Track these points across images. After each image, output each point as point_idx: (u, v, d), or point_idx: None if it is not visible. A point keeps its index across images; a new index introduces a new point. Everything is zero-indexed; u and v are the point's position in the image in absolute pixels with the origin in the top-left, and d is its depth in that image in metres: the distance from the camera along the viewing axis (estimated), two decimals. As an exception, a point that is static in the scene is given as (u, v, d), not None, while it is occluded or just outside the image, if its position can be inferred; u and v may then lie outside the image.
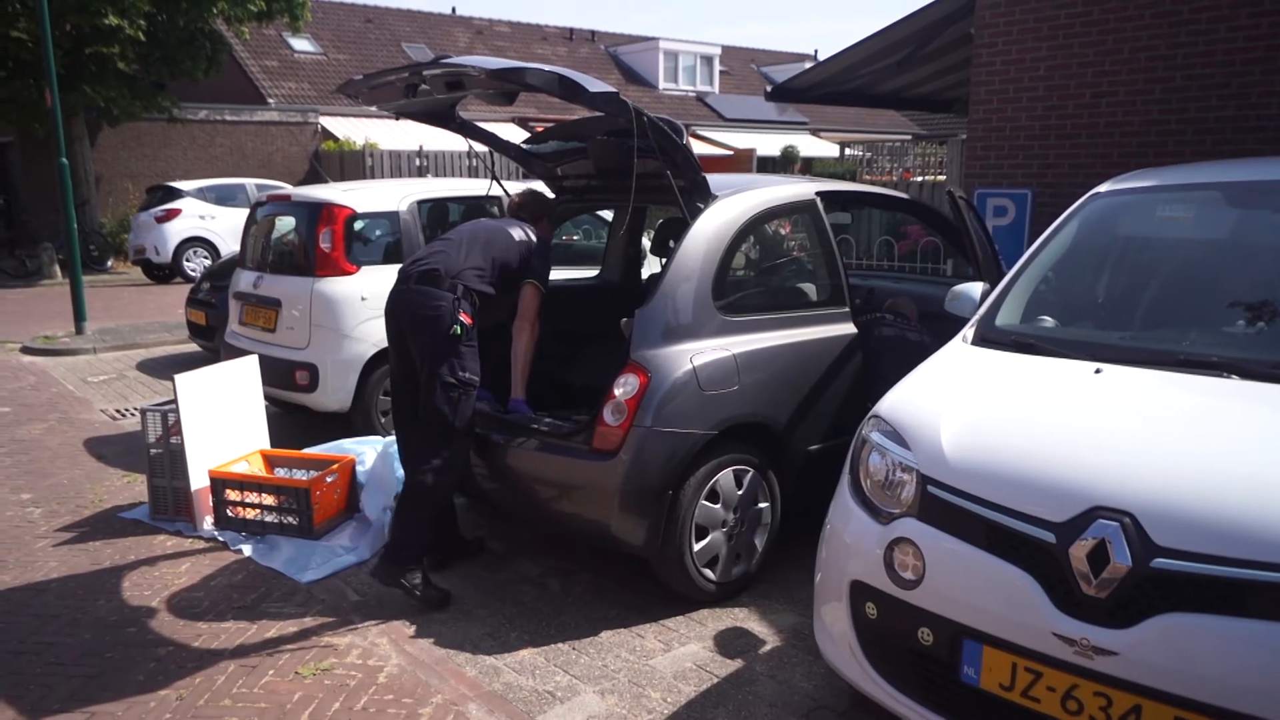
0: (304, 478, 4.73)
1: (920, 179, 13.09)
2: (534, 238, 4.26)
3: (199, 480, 4.72)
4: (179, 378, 4.68)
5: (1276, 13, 5.91)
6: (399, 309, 4.00)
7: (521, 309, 4.20)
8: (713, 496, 3.83)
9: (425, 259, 4.01)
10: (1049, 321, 3.39)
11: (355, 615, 3.85)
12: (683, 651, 3.56)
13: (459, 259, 3.99)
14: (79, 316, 10.57)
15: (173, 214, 16.11)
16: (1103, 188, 3.76)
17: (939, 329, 4.04)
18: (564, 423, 3.97)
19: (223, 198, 16.66)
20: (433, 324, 3.85)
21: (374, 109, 5.62)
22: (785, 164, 28.41)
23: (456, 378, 3.84)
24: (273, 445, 5.28)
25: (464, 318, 3.85)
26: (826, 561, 2.94)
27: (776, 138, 29.82)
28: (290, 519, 4.57)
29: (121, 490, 5.43)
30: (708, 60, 32.17)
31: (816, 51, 38.88)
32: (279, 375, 5.83)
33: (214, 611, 3.89)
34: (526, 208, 4.43)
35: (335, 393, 5.89)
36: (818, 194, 4.47)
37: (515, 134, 5.04)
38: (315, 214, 6.05)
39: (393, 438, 5.62)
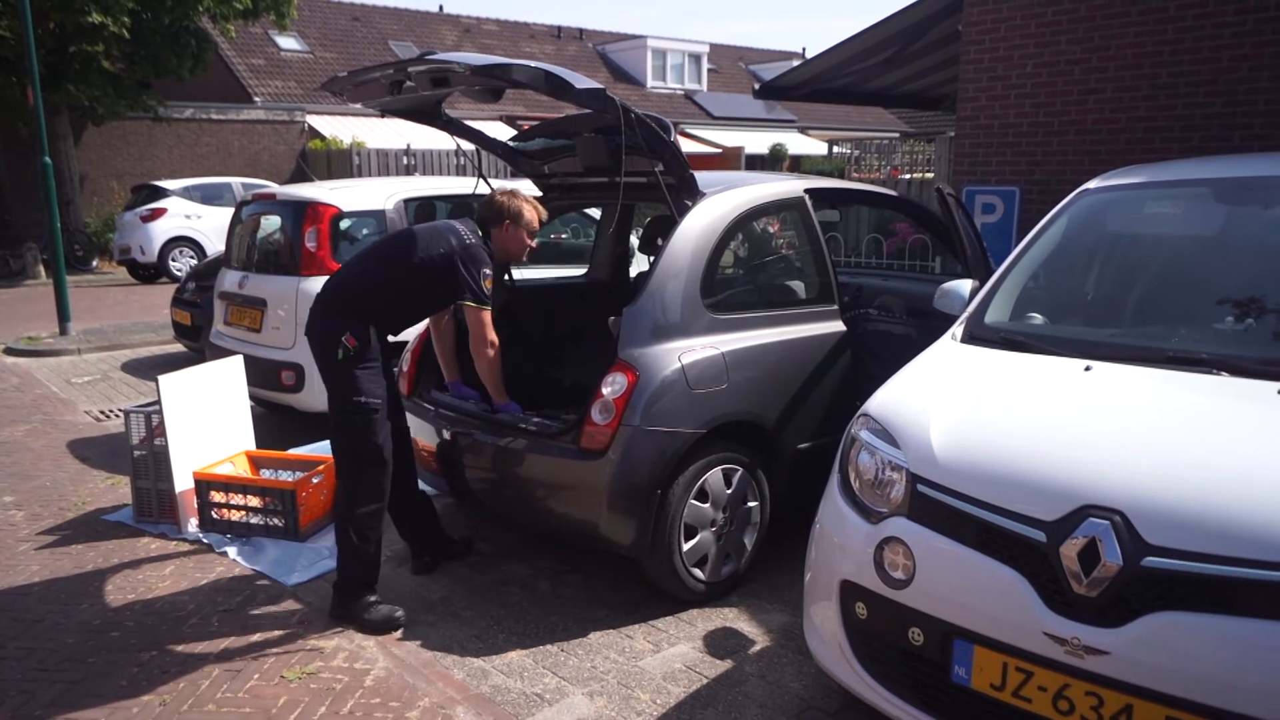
0: (289, 479, 4.69)
1: (908, 176, 13.09)
2: (467, 244, 3.81)
3: (183, 482, 4.67)
4: (163, 378, 4.63)
5: (1262, 9, 5.92)
6: (307, 330, 3.90)
7: (471, 332, 3.87)
8: (702, 496, 3.81)
9: (331, 278, 3.88)
10: (1038, 319, 3.38)
11: (342, 618, 3.81)
12: (672, 652, 3.53)
13: (363, 277, 3.83)
14: (63, 317, 10.48)
15: (158, 213, 16.01)
16: (1091, 184, 3.75)
17: (928, 326, 4.03)
18: (552, 422, 3.94)
19: (209, 197, 16.55)
20: (323, 348, 3.74)
21: (361, 107, 5.57)
22: (774, 162, 28.43)
23: (351, 403, 3.70)
24: (258, 446, 5.24)
25: (349, 341, 3.67)
26: (816, 561, 2.92)
27: (765, 135, 29.84)
28: (276, 521, 4.53)
29: (105, 492, 5.38)
30: (696, 58, 32.16)
31: (805, 49, 38.90)
32: (264, 375, 5.78)
33: (198, 615, 3.85)
34: (480, 208, 4.06)
35: (321, 393, 5.82)
36: (806, 191, 4.45)
37: (502, 132, 5.01)
38: (301, 213, 6.00)
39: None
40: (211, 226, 15.75)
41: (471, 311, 3.83)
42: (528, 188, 5.67)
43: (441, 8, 31.22)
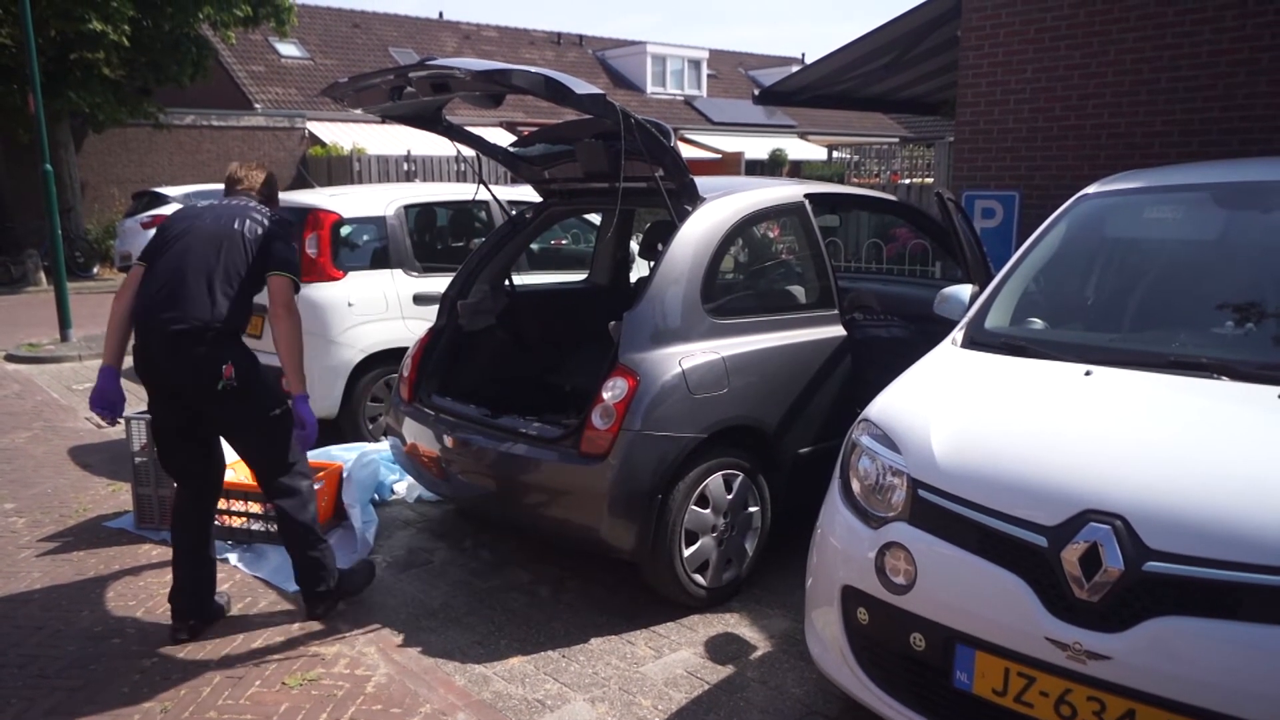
0: (291, 485, 4.68)
1: (908, 181, 13.12)
2: (268, 222, 3.64)
3: (184, 488, 4.66)
4: None
5: (1260, 14, 5.93)
6: (159, 371, 3.50)
7: (277, 301, 3.55)
8: (702, 501, 3.81)
9: (169, 311, 3.42)
10: (1038, 324, 3.38)
11: (343, 624, 3.81)
12: (673, 658, 3.53)
13: (199, 299, 3.44)
14: (64, 324, 10.50)
15: (159, 220, 16.00)
16: (1090, 189, 3.76)
17: (928, 331, 4.03)
18: (552, 427, 3.95)
19: (209, 203, 16.57)
20: (199, 389, 3.48)
21: (361, 114, 5.58)
22: (773, 167, 28.46)
23: (271, 418, 3.61)
24: (259, 452, 5.22)
25: (227, 372, 3.45)
26: (817, 566, 2.92)
27: (765, 141, 29.88)
28: (277, 527, 4.52)
29: (106, 499, 5.38)
30: (695, 64, 32.21)
31: (804, 55, 39.02)
32: (265, 382, 5.77)
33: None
34: (271, 187, 3.87)
35: (322, 399, 5.83)
36: (806, 196, 4.46)
37: (503, 137, 5.02)
38: (301, 219, 6.00)
39: (375, 445, 5.60)
40: (212, 233, 15.74)
41: (284, 281, 3.57)
42: (529, 193, 5.70)
43: (441, 14, 31.28)
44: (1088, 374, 2.83)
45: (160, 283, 3.50)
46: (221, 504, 4.59)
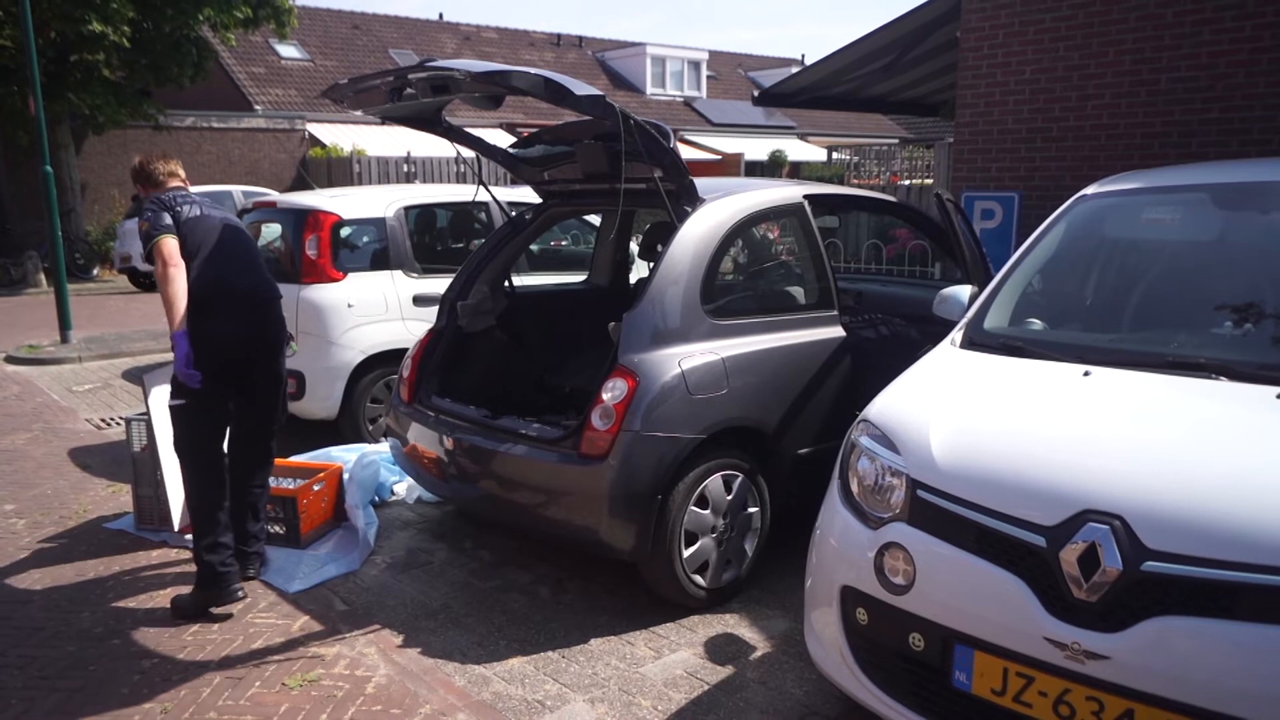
0: (291, 486, 4.69)
1: (908, 182, 13.13)
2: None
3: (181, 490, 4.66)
4: (154, 390, 4.55)
5: (1259, 15, 5.94)
6: (252, 331, 4.03)
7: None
8: (702, 502, 3.81)
9: (266, 285, 4.10)
10: (1037, 324, 3.38)
11: (343, 625, 3.81)
12: (673, 659, 3.53)
13: (268, 277, 4.16)
14: (64, 325, 10.50)
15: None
16: (1089, 190, 3.76)
17: (928, 331, 4.04)
18: (552, 428, 3.95)
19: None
20: (276, 347, 4.16)
21: (361, 115, 5.59)
22: (773, 168, 28.48)
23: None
24: (259, 453, 5.22)
25: (293, 338, 4.25)
26: (816, 567, 2.93)
27: (764, 142, 29.88)
28: (277, 528, 4.53)
29: (106, 500, 5.38)
30: (695, 65, 32.21)
31: (804, 56, 39.03)
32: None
33: (200, 622, 3.84)
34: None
35: (322, 400, 5.85)
36: (805, 197, 4.46)
37: (503, 139, 5.02)
38: (301, 221, 6.02)
39: (375, 446, 5.61)
40: (212, 234, 15.73)
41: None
42: (528, 195, 5.70)
43: (441, 16, 31.30)
44: (1086, 374, 2.83)
45: (242, 259, 4.01)
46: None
